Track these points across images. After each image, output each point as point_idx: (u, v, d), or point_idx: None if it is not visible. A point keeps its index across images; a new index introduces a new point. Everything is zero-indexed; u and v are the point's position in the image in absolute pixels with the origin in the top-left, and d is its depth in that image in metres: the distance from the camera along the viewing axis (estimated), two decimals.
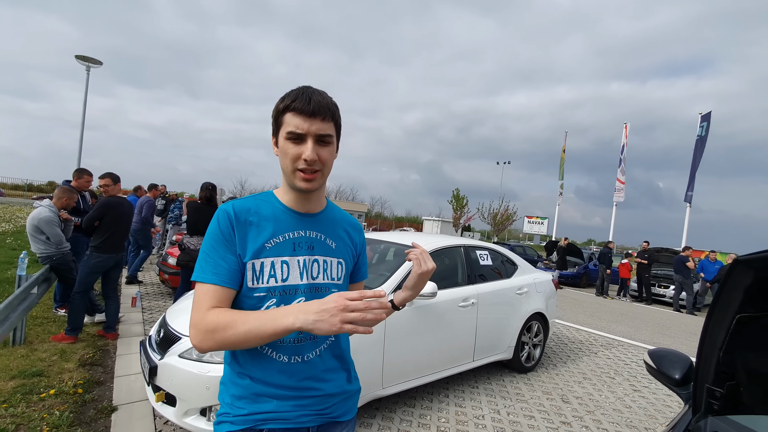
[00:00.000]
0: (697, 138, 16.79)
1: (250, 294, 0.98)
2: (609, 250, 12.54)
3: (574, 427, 3.23)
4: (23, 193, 37.40)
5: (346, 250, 1.14)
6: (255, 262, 0.98)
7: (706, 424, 1.13)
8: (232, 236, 0.97)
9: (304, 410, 1.00)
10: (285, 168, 0.99)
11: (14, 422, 2.51)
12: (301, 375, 1.01)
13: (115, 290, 4.34)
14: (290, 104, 0.96)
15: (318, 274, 1.05)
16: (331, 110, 0.99)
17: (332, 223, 1.13)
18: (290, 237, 1.03)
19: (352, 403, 1.13)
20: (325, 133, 0.97)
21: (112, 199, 4.16)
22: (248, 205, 1.02)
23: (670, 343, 6.75)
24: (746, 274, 0.88)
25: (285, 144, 0.97)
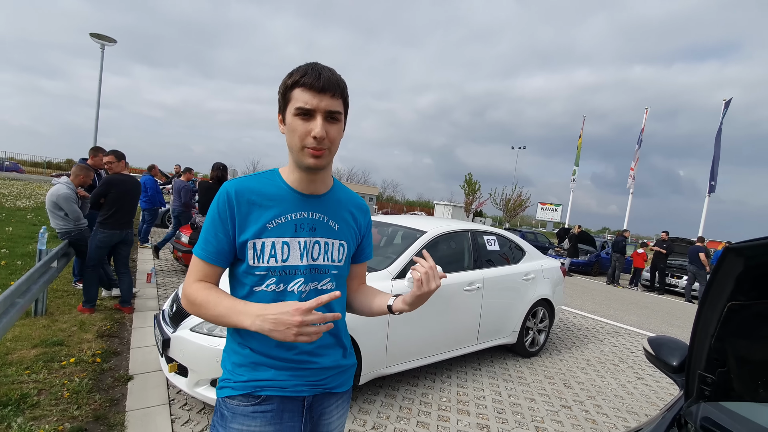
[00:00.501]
0: (720, 126, 16.22)
1: (252, 272, 1.01)
2: (623, 239, 12.37)
3: (574, 411, 3.28)
4: (42, 170, 38.33)
5: (349, 232, 1.14)
6: (256, 241, 1.00)
7: (698, 409, 1.15)
8: (226, 217, 0.99)
9: (300, 380, 1.04)
10: (292, 145, 0.98)
11: (36, 387, 2.66)
12: (298, 349, 1.03)
13: (127, 266, 4.46)
14: (299, 79, 0.94)
15: (319, 256, 1.06)
16: (341, 87, 0.98)
17: (337, 204, 1.12)
18: (292, 218, 1.03)
19: (348, 376, 1.17)
20: (335, 109, 0.96)
21: (116, 177, 4.24)
22: (251, 185, 1.03)
23: (677, 332, 6.71)
24: (737, 262, 0.88)
25: (293, 120, 0.96)
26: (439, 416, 2.94)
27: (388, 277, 3.06)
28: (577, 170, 23.35)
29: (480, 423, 2.92)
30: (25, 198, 14.60)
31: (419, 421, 2.85)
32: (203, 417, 2.61)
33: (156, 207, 8.56)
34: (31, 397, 2.54)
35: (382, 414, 2.87)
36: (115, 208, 4.17)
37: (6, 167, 33.30)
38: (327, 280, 1.08)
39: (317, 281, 1.06)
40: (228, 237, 1.00)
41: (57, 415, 2.42)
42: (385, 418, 2.82)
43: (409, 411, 2.96)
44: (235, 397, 1.00)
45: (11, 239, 7.26)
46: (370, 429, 2.66)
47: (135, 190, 4.41)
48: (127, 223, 4.34)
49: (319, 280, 1.06)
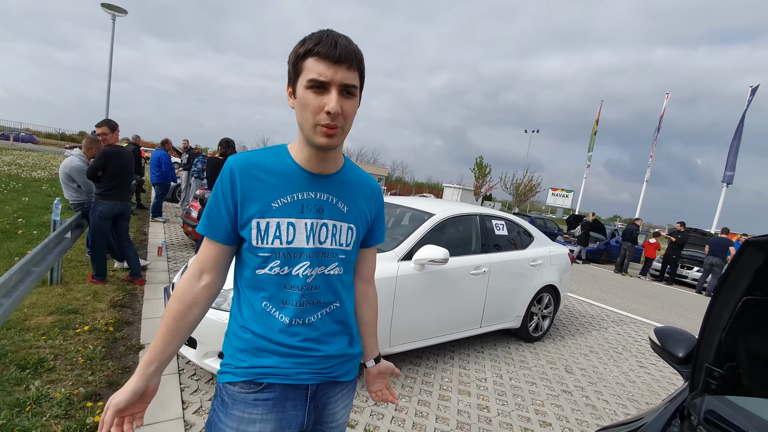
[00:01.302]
0: (744, 113, 15.64)
1: (255, 252, 0.97)
2: (635, 227, 12.18)
3: (575, 396, 3.31)
4: (56, 141, 38.80)
5: (359, 214, 1.08)
6: (260, 221, 0.95)
7: (703, 401, 1.14)
8: (228, 193, 0.95)
9: (304, 368, 1.00)
10: (304, 122, 0.91)
11: (53, 353, 2.76)
12: (302, 336, 1.00)
13: (128, 239, 4.50)
14: (313, 48, 0.86)
15: (326, 239, 1.01)
16: (358, 57, 0.90)
17: (347, 185, 1.06)
18: (299, 198, 0.97)
19: (353, 365, 1.13)
20: (351, 83, 0.89)
21: (112, 149, 4.19)
22: (257, 160, 0.97)
23: (685, 323, 6.68)
24: (756, 256, 0.84)
25: (305, 94, 0.88)
26: (441, 396, 3.00)
27: (394, 259, 3.07)
28: (592, 156, 22.86)
29: (480, 404, 2.96)
30: (41, 169, 14.85)
31: (420, 399, 2.90)
32: (211, 387, 2.69)
33: (168, 182, 8.61)
34: (47, 361, 2.65)
35: None
36: (116, 181, 4.18)
37: (22, 138, 33.78)
38: (334, 264, 1.03)
39: (324, 265, 1.01)
40: (230, 214, 0.96)
41: (72, 379, 2.52)
42: None
43: (411, 390, 3.02)
44: (236, 383, 0.97)
45: (27, 209, 7.42)
46: (372, 405, 2.73)
47: (130, 162, 4.36)
48: (126, 194, 4.35)
49: (327, 265, 1.02)
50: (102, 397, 2.40)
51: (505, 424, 2.76)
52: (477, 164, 33.22)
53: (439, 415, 2.75)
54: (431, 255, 3.03)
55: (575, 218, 16.28)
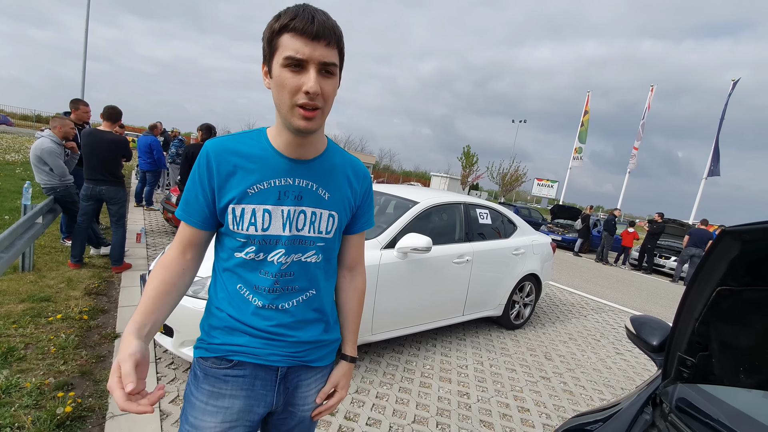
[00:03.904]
0: (725, 107, 15.99)
1: (233, 236, 0.96)
2: (614, 218, 12.44)
3: (553, 382, 3.38)
4: (32, 123, 37.32)
5: (342, 201, 1.04)
6: (236, 207, 0.93)
7: (675, 389, 1.15)
8: (204, 179, 0.94)
9: (275, 350, 1.00)
10: (281, 103, 0.87)
11: (24, 341, 2.67)
12: (274, 321, 0.99)
13: (116, 223, 4.30)
14: (288, 23, 0.81)
15: (304, 226, 0.99)
16: (337, 34, 0.86)
17: (329, 170, 1.02)
18: (276, 184, 0.95)
19: (329, 351, 1.11)
20: (330, 61, 0.84)
21: (86, 129, 4.21)
22: (234, 145, 0.95)
23: (661, 311, 6.88)
24: (732, 246, 0.84)
25: (281, 72, 0.83)
26: (422, 383, 3.02)
27: (377, 247, 3.04)
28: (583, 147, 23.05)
29: (461, 390, 3.00)
30: (14, 152, 14.27)
31: (401, 386, 2.92)
32: (188, 375, 2.64)
33: (160, 169, 8.30)
34: (18, 350, 2.56)
35: (366, 379, 2.93)
36: (85, 161, 4.12)
37: None
38: (312, 252, 1.01)
39: (301, 253, 0.99)
40: (207, 200, 0.95)
41: (43, 369, 2.44)
42: (368, 383, 2.88)
43: (392, 377, 3.03)
44: (209, 358, 0.99)
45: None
46: (353, 392, 2.73)
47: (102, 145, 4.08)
48: (94, 178, 4.10)
49: (303, 252, 1.00)
50: (74, 386, 2.33)
51: (484, 410, 2.80)
52: (464, 153, 33.32)
53: (420, 402, 2.77)
54: (414, 243, 3.01)
55: (559, 208, 16.51)
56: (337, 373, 1.13)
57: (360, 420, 2.45)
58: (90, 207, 4.19)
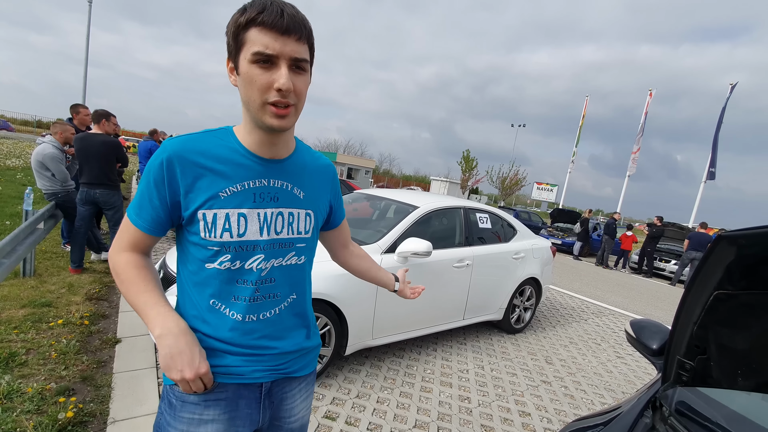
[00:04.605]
0: (723, 111, 16.06)
1: (204, 245, 0.88)
2: (613, 221, 12.46)
3: (554, 386, 3.38)
4: (32, 129, 37.42)
5: (317, 199, 1.02)
6: (207, 212, 0.86)
7: (674, 393, 1.16)
8: (163, 183, 0.85)
9: (258, 365, 0.95)
10: (250, 101, 0.81)
11: (25, 347, 2.67)
12: (257, 334, 0.93)
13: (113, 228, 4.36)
14: (256, 17, 0.76)
15: (282, 229, 0.94)
16: (307, 28, 0.82)
17: (302, 169, 0.98)
18: (250, 186, 0.89)
19: (311, 358, 1.08)
20: (301, 57, 0.80)
21: (79, 134, 4.19)
22: (199, 146, 0.87)
23: (661, 315, 6.88)
24: (729, 251, 0.85)
25: (249, 69, 0.79)
26: (422, 387, 3.02)
27: (377, 251, 3.05)
28: (576, 151, 23.19)
29: (461, 395, 3.00)
30: (15, 157, 14.30)
31: (402, 391, 2.92)
32: None
33: None
34: (19, 356, 2.56)
35: (367, 384, 2.93)
36: (79, 166, 4.15)
37: None
38: (291, 254, 0.97)
39: (281, 257, 0.95)
40: (165, 206, 0.87)
41: (45, 374, 2.44)
42: (369, 388, 2.88)
43: (393, 381, 3.03)
44: None
45: (0, 199, 7.15)
46: (354, 397, 2.73)
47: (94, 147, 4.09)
48: (91, 182, 4.11)
49: (283, 255, 0.95)
50: (75, 392, 2.33)
51: (485, 414, 2.80)
52: (464, 157, 33.35)
53: (421, 406, 2.77)
54: (414, 248, 3.03)
55: (559, 212, 16.54)
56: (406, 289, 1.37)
57: (361, 425, 2.45)
58: (87, 211, 4.19)
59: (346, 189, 8.25)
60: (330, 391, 2.76)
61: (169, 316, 0.85)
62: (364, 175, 29.63)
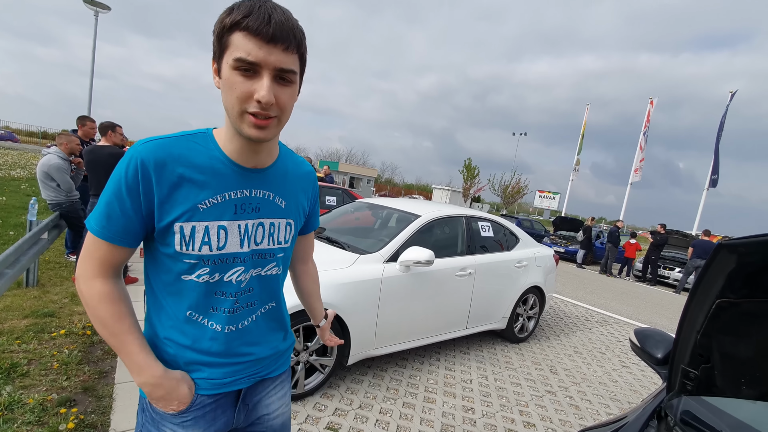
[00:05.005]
0: (723, 118, 16.10)
1: (180, 258, 0.83)
2: (616, 229, 12.42)
3: (558, 397, 3.34)
4: (37, 140, 37.84)
5: (297, 207, 0.99)
6: (184, 225, 0.81)
7: (679, 402, 1.15)
8: (137, 191, 0.78)
9: (237, 375, 0.94)
10: (229, 107, 0.77)
11: (27, 357, 2.67)
12: (236, 342, 0.92)
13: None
14: (241, 20, 0.71)
15: (263, 239, 0.91)
16: (297, 37, 0.76)
17: (283, 177, 0.95)
18: (231, 197, 0.84)
19: (285, 357, 1.08)
20: (288, 68, 0.75)
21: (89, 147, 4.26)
22: (177, 150, 0.80)
23: (666, 323, 6.81)
24: (729, 259, 0.86)
25: (231, 75, 0.74)
26: (426, 398, 2.99)
27: (380, 260, 3.05)
28: (580, 159, 23.20)
29: (465, 405, 2.97)
30: (20, 168, 14.44)
31: (405, 401, 2.89)
32: None
33: None
34: (21, 366, 2.55)
35: (369, 394, 2.91)
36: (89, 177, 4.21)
37: (1, 136, 32.83)
38: (272, 264, 0.95)
39: (261, 267, 0.93)
40: (139, 216, 0.79)
41: (46, 385, 2.44)
42: (371, 398, 2.86)
43: (396, 392, 3.00)
44: None
45: (4, 209, 7.20)
46: (357, 408, 2.70)
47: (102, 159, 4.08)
48: (99, 194, 4.21)
49: (263, 266, 0.94)
50: (77, 402, 2.32)
51: (489, 425, 2.76)
52: (466, 166, 33.43)
53: (424, 417, 2.74)
54: (416, 256, 3.03)
55: (562, 220, 16.50)
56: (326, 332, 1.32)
57: None
58: None
59: (348, 198, 8.26)
60: (332, 401, 2.74)
61: (147, 365, 0.83)
62: (366, 184, 29.72)
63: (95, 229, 0.80)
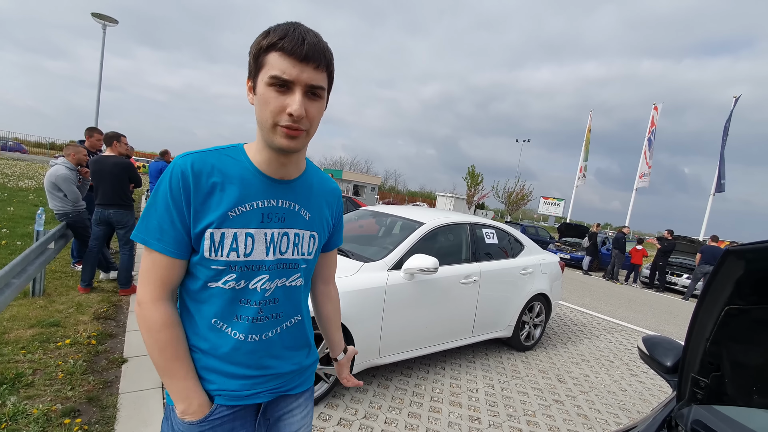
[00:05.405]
0: (727, 123, 16.01)
1: (207, 265, 0.87)
2: (623, 235, 12.31)
3: (566, 406, 3.29)
4: (46, 151, 38.36)
5: (321, 221, 1.03)
6: (214, 231, 0.85)
7: (690, 411, 1.13)
8: (181, 201, 0.84)
9: (257, 388, 0.95)
10: (263, 121, 0.83)
11: (32, 367, 2.67)
12: (258, 354, 0.94)
13: (123, 246, 4.35)
14: (277, 42, 0.78)
15: (287, 249, 0.94)
16: (327, 57, 0.83)
17: (309, 190, 0.99)
18: (259, 206, 0.89)
19: (308, 374, 1.08)
20: (318, 84, 0.82)
21: (95, 157, 4.35)
22: (212, 161, 0.87)
23: (675, 331, 6.71)
24: (737, 265, 0.84)
25: (266, 91, 0.81)
26: (431, 407, 2.95)
27: (384, 268, 3.04)
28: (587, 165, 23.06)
29: (471, 415, 2.92)
30: (28, 178, 14.62)
31: (411, 411, 2.85)
32: None
33: None
34: (26, 376, 2.56)
35: (374, 404, 2.88)
36: (94, 187, 4.26)
37: (10, 147, 33.34)
38: (297, 275, 0.98)
39: (285, 277, 0.95)
40: (185, 225, 0.85)
41: (51, 395, 2.43)
42: (376, 408, 2.83)
43: (401, 401, 2.97)
44: None
45: (12, 219, 7.28)
46: (362, 418, 2.67)
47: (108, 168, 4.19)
48: (105, 203, 4.19)
49: (288, 276, 0.96)
50: (81, 413, 2.32)
51: None
52: (469, 173, 33.41)
53: (430, 427, 2.70)
54: (421, 264, 3.01)
55: (567, 226, 16.39)
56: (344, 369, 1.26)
57: None
58: (101, 231, 4.28)
59: (352, 206, 8.28)
60: (337, 411, 2.71)
61: (194, 392, 0.89)
62: (369, 192, 29.77)
63: (152, 244, 0.85)
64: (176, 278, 0.89)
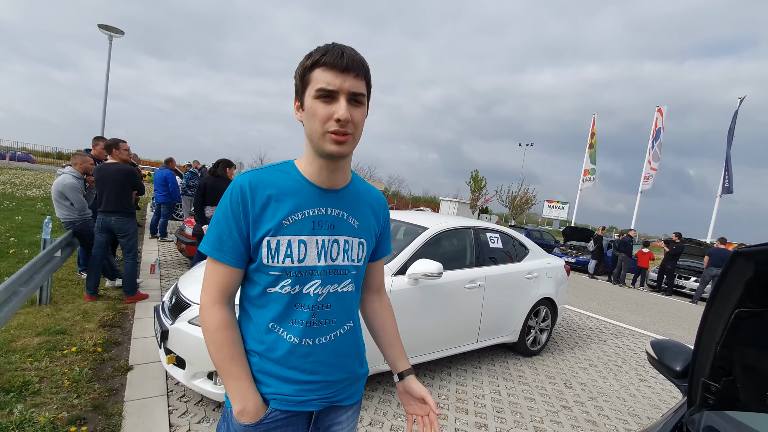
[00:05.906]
0: (732, 125, 15.91)
1: (266, 271, 0.94)
2: (629, 239, 12.21)
3: (575, 412, 3.24)
4: (53, 160, 38.80)
5: (369, 229, 1.07)
6: (271, 239, 0.93)
7: (701, 417, 1.11)
8: (240, 214, 0.92)
9: (309, 395, 0.98)
10: (313, 131, 0.90)
11: (38, 375, 2.68)
12: (312, 358, 0.97)
13: (127, 254, 4.37)
14: (320, 59, 0.87)
15: (338, 256, 0.99)
16: (364, 67, 0.91)
17: (356, 199, 1.05)
18: (310, 214, 0.96)
19: (358, 386, 1.10)
20: (359, 91, 0.89)
21: (99, 165, 4.37)
22: (267, 177, 0.96)
23: (683, 334, 6.62)
24: (747, 267, 0.83)
25: (313, 104, 0.88)
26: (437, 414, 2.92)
27: (387, 273, 3.03)
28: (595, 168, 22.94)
29: (478, 422, 2.89)
30: (36, 188, 14.79)
31: None
32: (200, 409, 2.61)
33: (174, 202, 8.53)
34: (32, 384, 2.57)
35: (380, 410, 2.86)
36: (98, 195, 4.29)
37: (18, 157, 33.77)
38: (347, 281, 1.02)
39: (337, 283, 1.00)
40: (242, 236, 0.93)
41: (57, 403, 2.44)
42: (382, 415, 2.80)
43: None
44: None
45: (20, 228, 7.35)
46: (367, 425, 2.65)
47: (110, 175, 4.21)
48: (107, 210, 4.20)
49: (339, 282, 1.00)
50: (87, 421, 2.32)
51: None
52: (473, 177, 33.30)
53: None
54: (425, 269, 3.00)
55: (572, 230, 16.28)
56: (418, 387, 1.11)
57: None
58: (104, 239, 4.29)
59: None
60: None
61: (249, 393, 0.93)
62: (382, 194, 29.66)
63: (213, 254, 0.94)
64: (233, 285, 0.97)
